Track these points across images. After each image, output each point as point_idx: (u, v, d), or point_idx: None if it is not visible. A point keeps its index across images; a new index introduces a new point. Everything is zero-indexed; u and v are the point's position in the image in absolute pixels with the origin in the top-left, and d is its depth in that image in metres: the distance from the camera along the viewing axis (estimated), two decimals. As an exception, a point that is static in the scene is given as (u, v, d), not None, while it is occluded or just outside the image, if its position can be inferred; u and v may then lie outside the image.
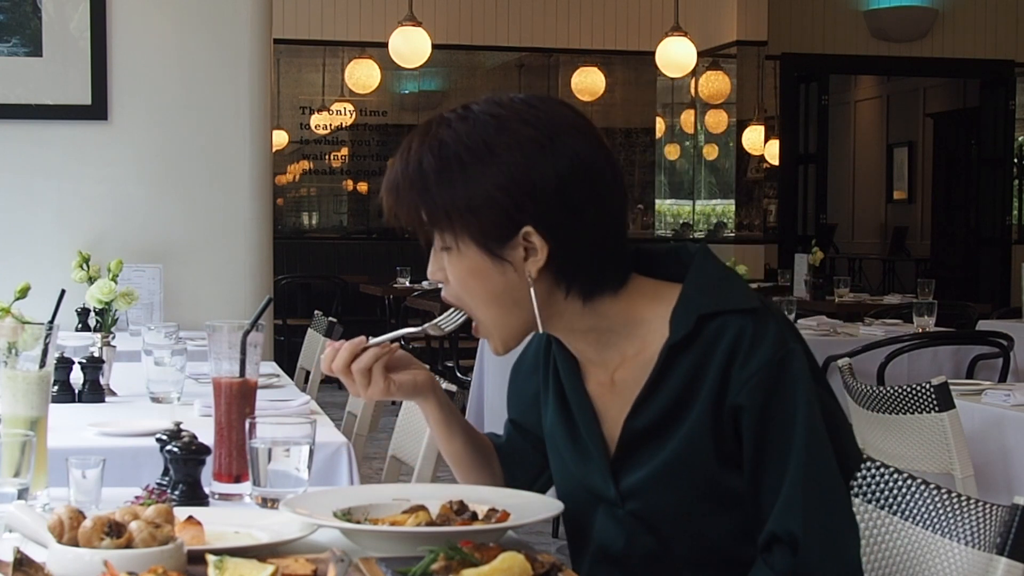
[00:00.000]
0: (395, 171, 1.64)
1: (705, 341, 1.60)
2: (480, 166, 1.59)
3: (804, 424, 1.57)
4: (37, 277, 3.50)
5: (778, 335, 1.59)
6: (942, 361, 5.17)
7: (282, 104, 10.80)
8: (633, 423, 1.66)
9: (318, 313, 5.00)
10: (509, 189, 1.59)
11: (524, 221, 1.60)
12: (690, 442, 1.61)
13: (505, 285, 1.64)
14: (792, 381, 1.58)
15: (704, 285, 1.65)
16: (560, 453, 1.79)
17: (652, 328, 1.66)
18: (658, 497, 1.65)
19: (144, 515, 1.46)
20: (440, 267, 1.67)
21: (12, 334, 1.93)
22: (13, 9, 4.79)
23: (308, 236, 11.16)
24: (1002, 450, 3.43)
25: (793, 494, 1.56)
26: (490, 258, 1.62)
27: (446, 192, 1.60)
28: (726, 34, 10.81)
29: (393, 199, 1.64)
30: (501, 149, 1.59)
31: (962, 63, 12.03)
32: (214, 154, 4.91)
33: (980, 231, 12.85)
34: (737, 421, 1.59)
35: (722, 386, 1.59)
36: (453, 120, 1.62)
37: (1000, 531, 1.61)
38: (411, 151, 1.63)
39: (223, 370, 1.97)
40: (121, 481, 2.05)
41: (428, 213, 1.62)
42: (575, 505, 1.75)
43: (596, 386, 1.73)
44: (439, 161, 1.60)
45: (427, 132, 1.63)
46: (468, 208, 1.60)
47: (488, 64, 11.47)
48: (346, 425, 3.65)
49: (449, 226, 1.62)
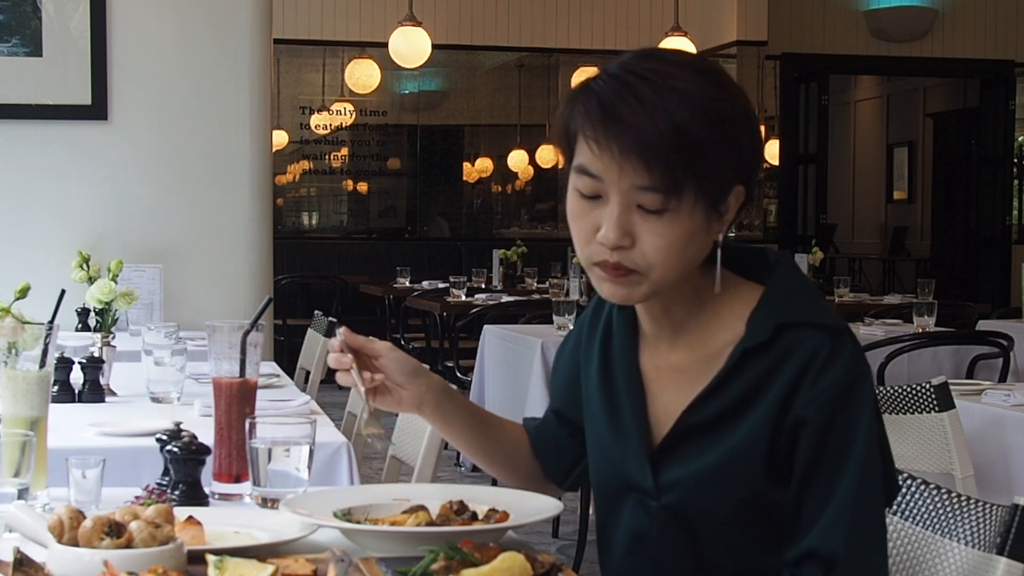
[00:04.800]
0: (641, 128, 1.50)
1: (780, 350, 1.57)
2: (733, 125, 1.55)
3: (863, 447, 1.55)
4: (37, 277, 3.49)
5: (853, 356, 1.57)
6: (942, 361, 5.18)
7: (282, 104, 10.80)
8: (689, 418, 1.62)
9: (318, 313, 5.00)
10: (744, 149, 1.57)
11: (739, 177, 1.57)
12: (743, 447, 1.58)
13: (705, 245, 1.59)
14: (859, 404, 1.56)
15: (787, 294, 1.62)
16: (598, 431, 1.74)
17: (725, 323, 1.63)
18: (698, 497, 1.62)
19: (144, 515, 1.46)
20: (628, 231, 1.54)
21: (12, 334, 1.93)
22: (13, 9, 4.79)
23: (308, 236, 11.15)
24: (1002, 450, 3.43)
25: (841, 514, 1.54)
26: (707, 219, 1.56)
27: (713, 155, 1.52)
28: (726, 34, 10.81)
29: (640, 156, 1.51)
30: (736, 106, 1.56)
31: (962, 63, 12.03)
32: (214, 154, 4.91)
33: (980, 231, 12.85)
34: (796, 434, 1.56)
35: (789, 397, 1.56)
36: (685, 78, 1.53)
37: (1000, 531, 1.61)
38: (656, 109, 1.50)
39: (223, 370, 1.97)
40: (121, 481, 2.05)
41: (676, 176, 1.51)
42: (607, 489, 1.72)
43: (651, 366, 1.69)
44: (710, 126, 1.52)
45: (663, 89, 1.51)
46: (718, 163, 1.53)
47: (488, 64, 11.47)
48: (346, 425, 3.66)
49: (695, 184, 1.52)
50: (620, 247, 1.54)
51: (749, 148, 1.57)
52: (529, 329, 5.73)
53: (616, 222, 1.54)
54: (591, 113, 1.54)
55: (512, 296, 7.87)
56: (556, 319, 5.48)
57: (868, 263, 15.01)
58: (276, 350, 5.81)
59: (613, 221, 1.54)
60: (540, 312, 6.12)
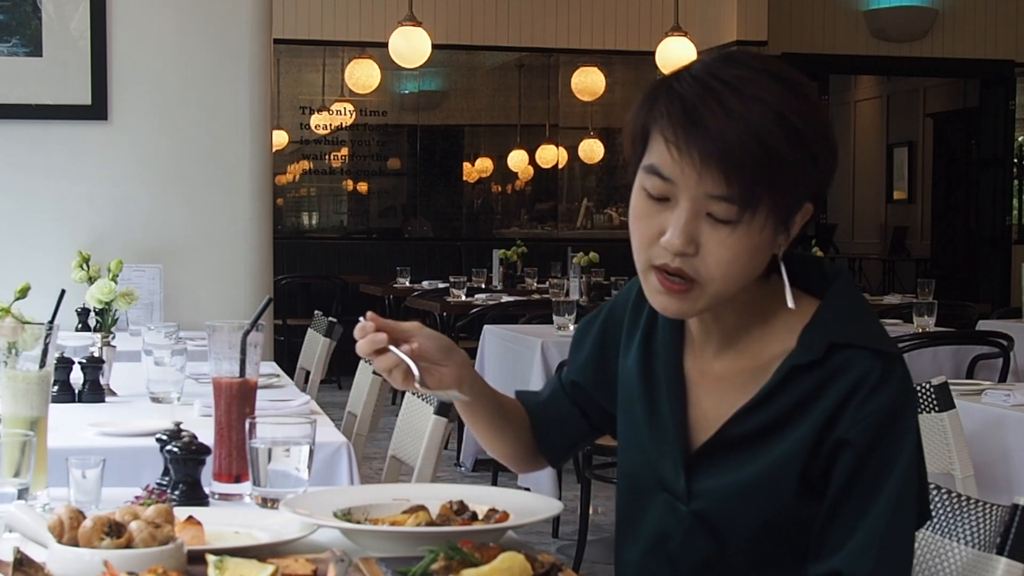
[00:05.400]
0: (725, 137, 1.48)
1: (829, 369, 1.55)
2: (813, 141, 1.53)
3: (901, 475, 1.53)
4: (37, 277, 3.49)
5: (903, 383, 1.55)
6: (942, 361, 5.17)
7: (282, 104, 10.80)
8: (730, 429, 1.59)
9: (318, 313, 5.00)
10: (820, 165, 1.54)
11: (811, 193, 1.54)
12: (780, 463, 1.56)
13: (765, 259, 1.55)
14: (903, 431, 1.54)
15: (842, 312, 1.58)
16: (633, 423, 1.71)
17: (776, 335, 1.61)
18: (729, 507, 1.60)
19: (144, 515, 1.46)
20: (693, 238, 1.51)
21: (12, 334, 1.93)
22: (13, 9, 4.79)
23: (308, 236, 11.15)
24: (1002, 450, 3.43)
25: (871, 540, 1.52)
26: (774, 234, 1.53)
27: (791, 171, 1.50)
28: (726, 34, 10.81)
29: (720, 165, 1.48)
30: (816, 120, 1.54)
31: (962, 63, 12.03)
32: (214, 154, 4.91)
33: (980, 231, 12.85)
34: (836, 454, 1.54)
35: (833, 418, 1.54)
36: (769, 87, 1.51)
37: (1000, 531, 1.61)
38: (741, 119, 1.48)
39: (223, 370, 1.97)
40: (121, 481, 2.05)
41: (755, 189, 1.49)
42: (637, 483, 1.69)
43: (695, 369, 1.66)
44: (792, 139, 1.50)
45: (748, 99, 1.49)
46: (795, 180, 1.51)
47: (488, 64, 11.47)
48: (346, 425, 3.65)
49: (770, 198, 1.50)
50: (684, 254, 1.51)
51: (825, 164, 1.55)
52: (529, 329, 5.73)
53: (684, 228, 1.50)
54: (673, 115, 1.51)
55: (512, 296, 7.88)
56: (556, 319, 5.48)
57: (868, 263, 15.01)
58: (276, 350, 5.81)
59: (680, 227, 1.50)
60: (540, 312, 6.12)
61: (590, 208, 11.75)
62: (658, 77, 1.61)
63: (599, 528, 5.31)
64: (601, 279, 8.00)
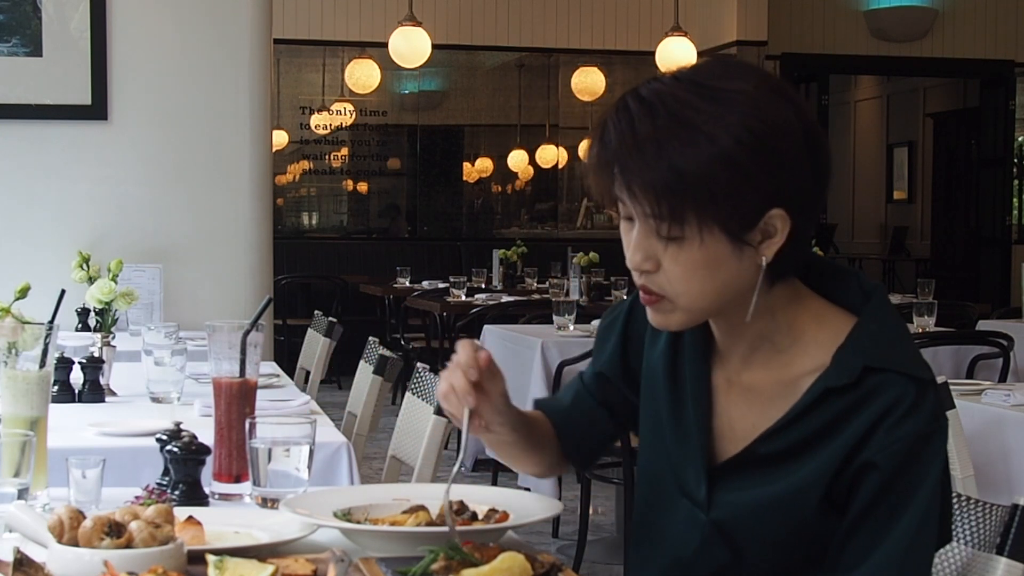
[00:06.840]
0: (643, 160, 1.49)
1: (862, 391, 1.54)
2: (753, 154, 1.50)
3: (924, 501, 1.52)
4: (37, 277, 3.49)
5: (935, 410, 1.54)
6: (942, 361, 5.17)
7: (282, 104, 10.80)
8: (758, 447, 1.59)
9: (318, 313, 5.00)
10: (774, 174, 1.51)
11: (774, 202, 1.51)
12: (806, 483, 1.56)
13: (741, 270, 1.53)
14: (931, 458, 1.53)
15: (879, 334, 1.57)
16: (657, 424, 1.69)
17: (808, 352, 1.59)
18: (750, 521, 1.59)
19: (144, 515, 1.46)
20: (650, 256, 1.54)
21: (12, 334, 1.93)
22: (13, 9, 4.79)
23: (308, 236, 11.15)
24: (1002, 450, 3.43)
25: (889, 562, 1.52)
26: (732, 245, 1.52)
27: (719, 185, 1.49)
28: (726, 34, 10.81)
29: (642, 187, 1.50)
30: (762, 135, 1.50)
31: (962, 63, 12.03)
32: (214, 154, 4.91)
33: (980, 231, 12.85)
34: (861, 475, 1.53)
35: (862, 440, 1.53)
36: (702, 105, 1.50)
37: (1000, 531, 1.61)
38: (651, 140, 1.49)
39: (223, 370, 1.97)
40: (121, 481, 2.05)
41: (681, 206, 1.49)
42: (658, 485, 1.68)
43: (722, 378, 1.65)
44: (714, 159, 1.49)
45: (671, 123, 1.49)
46: (726, 195, 1.49)
47: (488, 64, 11.47)
48: (346, 425, 3.65)
49: (696, 216, 1.49)
50: (645, 271, 1.55)
51: (779, 171, 1.51)
52: (529, 329, 5.73)
53: (638, 246, 1.54)
54: (605, 140, 1.54)
55: (512, 296, 7.87)
56: (556, 319, 5.48)
57: (868, 263, 15.01)
58: (276, 350, 5.81)
59: (634, 245, 1.55)
60: (540, 312, 6.11)
61: (590, 208, 11.74)
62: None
63: (599, 528, 5.31)
64: (601, 279, 8.00)
